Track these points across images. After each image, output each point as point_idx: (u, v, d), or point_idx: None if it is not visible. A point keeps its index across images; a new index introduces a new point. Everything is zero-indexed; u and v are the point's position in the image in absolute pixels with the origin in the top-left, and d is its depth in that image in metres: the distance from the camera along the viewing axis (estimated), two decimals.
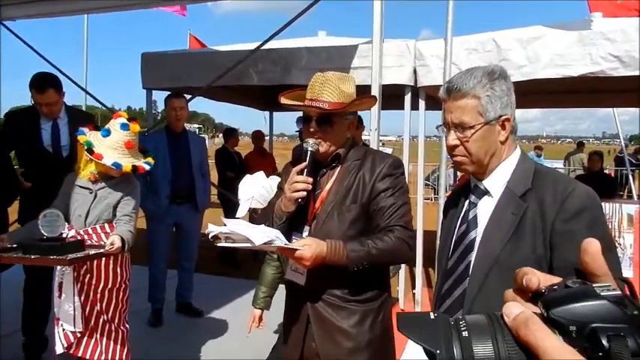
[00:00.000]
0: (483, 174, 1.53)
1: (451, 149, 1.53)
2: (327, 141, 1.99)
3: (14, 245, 2.63)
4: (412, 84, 5.06)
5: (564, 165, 15.24)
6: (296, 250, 1.80)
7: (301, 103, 2.00)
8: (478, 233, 1.49)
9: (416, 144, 5.49)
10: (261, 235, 1.74)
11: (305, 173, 1.94)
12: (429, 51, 5.01)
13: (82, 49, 12.76)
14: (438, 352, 0.49)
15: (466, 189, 1.63)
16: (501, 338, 0.49)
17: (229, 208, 7.81)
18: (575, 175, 11.14)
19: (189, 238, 4.76)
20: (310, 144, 1.97)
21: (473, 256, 1.47)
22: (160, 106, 4.70)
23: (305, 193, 1.93)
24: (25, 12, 5.85)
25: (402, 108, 5.20)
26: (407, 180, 2.18)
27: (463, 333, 0.50)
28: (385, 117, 4.01)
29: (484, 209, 1.51)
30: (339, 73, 2.04)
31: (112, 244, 2.62)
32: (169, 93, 4.80)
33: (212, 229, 1.79)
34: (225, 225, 1.81)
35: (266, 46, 5.31)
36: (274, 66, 5.51)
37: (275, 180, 3.16)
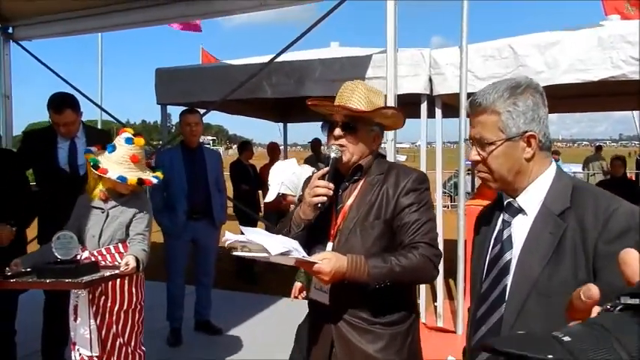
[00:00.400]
0: (514, 191, 1.45)
1: (475, 164, 1.48)
2: (351, 149, 1.94)
3: (28, 269, 2.60)
4: (428, 92, 5.00)
5: (583, 170, 14.98)
6: (314, 263, 1.74)
7: (329, 103, 1.95)
8: (514, 255, 1.40)
9: (430, 151, 5.41)
10: (279, 246, 1.68)
11: (327, 178, 1.89)
12: (444, 59, 4.95)
13: (97, 65, 12.94)
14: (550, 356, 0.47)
15: (499, 205, 1.54)
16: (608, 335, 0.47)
17: (245, 221, 7.80)
18: (596, 181, 10.92)
19: (206, 254, 4.72)
20: (334, 150, 1.93)
21: (509, 279, 1.38)
22: (175, 119, 4.70)
23: (325, 198, 1.87)
24: (40, 32, 5.95)
25: (418, 116, 5.13)
26: None
27: (564, 338, 0.48)
28: None
29: (519, 229, 1.42)
30: (369, 85, 2.02)
31: (126, 264, 2.59)
32: (184, 109, 4.79)
33: (229, 237, 1.75)
34: (242, 233, 1.77)
35: (279, 59, 5.28)
36: (288, 78, 5.48)
37: (306, 169, 3.11)
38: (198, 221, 4.56)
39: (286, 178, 3.01)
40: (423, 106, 5.04)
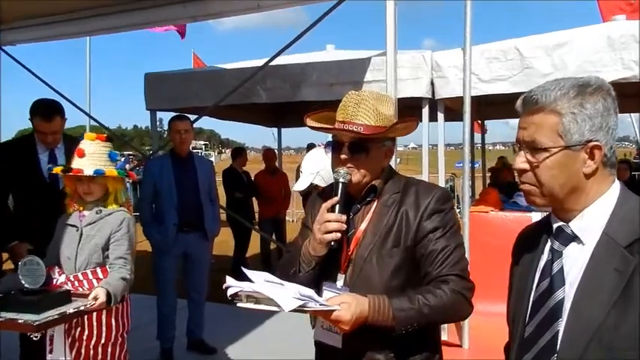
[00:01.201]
0: (564, 212, 1.20)
1: (519, 173, 1.22)
2: (362, 170, 1.69)
3: (0, 295, 2.34)
4: (430, 96, 4.82)
5: None
6: (332, 311, 1.49)
7: (332, 127, 1.70)
8: (567, 294, 1.15)
9: (431, 153, 5.23)
10: (292, 300, 1.43)
11: (337, 210, 1.64)
12: (447, 61, 4.76)
13: (85, 69, 12.65)
14: None
15: (545, 228, 1.28)
16: None
17: (238, 229, 7.58)
18: None
19: (198, 269, 4.47)
20: (342, 174, 1.67)
21: (561, 324, 1.14)
22: (167, 124, 4.46)
23: (339, 235, 1.63)
24: (25, 36, 5.72)
25: (419, 120, 4.92)
26: None
27: None
28: None
29: (573, 261, 1.17)
30: (375, 92, 1.75)
31: (95, 298, 2.30)
32: (173, 115, 4.55)
33: (231, 284, 1.49)
34: (247, 279, 1.52)
35: (273, 63, 5.08)
36: (283, 83, 5.28)
37: None
38: (189, 234, 4.31)
39: (323, 167, 2.64)
40: (425, 110, 4.85)
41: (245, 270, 1.55)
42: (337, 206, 1.64)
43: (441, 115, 4.91)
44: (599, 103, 1.14)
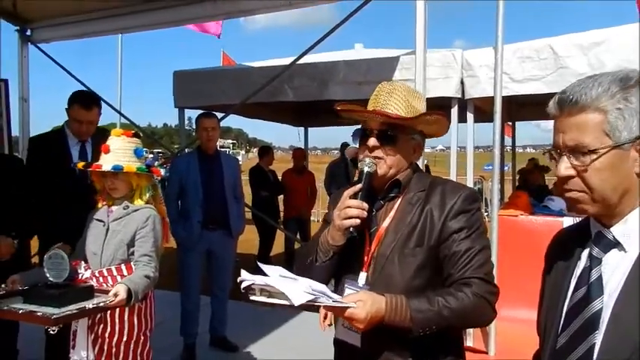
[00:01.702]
0: (611, 218, 1.11)
1: (563, 181, 1.13)
2: (388, 162, 1.65)
3: (25, 287, 2.37)
4: (459, 96, 4.71)
5: None
6: (346, 308, 1.45)
7: (363, 109, 1.66)
8: (606, 304, 1.07)
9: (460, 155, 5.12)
10: (302, 294, 1.40)
11: (360, 197, 1.60)
12: (478, 60, 4.65)
13: (117, 67, 12.93)
14: None
15: (582, 233, 1.20)
16: None
17: (263, 228, 7.60)
18: None
19: (222, 267, 4.47)
20: (367, 163, 1.63)
21: (599, 337, 1.05)
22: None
23: (358, 221, 1.58)
24: (59, 34, 5.84)
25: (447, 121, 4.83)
26: None
27: None
28: None
29: (614, 269, 1.09)
30: (408, 85, 1.73)
31: (114, 295, 2.27)
32: (200, 112, 4.57)
33: (245, 278, 1.47)
34: (262, 273, 1.49)
35: (301, 61, 5.05)
36: (311, 81, 5.25)
37: None
38: (213, 231, 4.31)
39: None
40: (454, 111, 4.75)
41: (260, 264, 1.52)
42: (360, 194, 1.60)
43: (470, 116, 4.80)
44: None
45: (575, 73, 4.22)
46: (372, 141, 1.64)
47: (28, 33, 5.80)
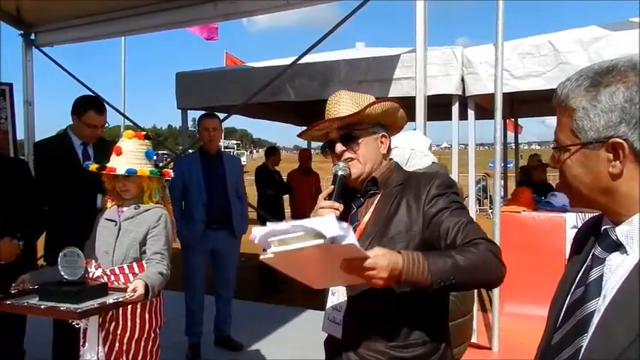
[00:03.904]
0: (615, 215, 1.05)
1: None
2: (361, 159, 1.72)
3: (36, 287, 2.41)
4: (460, 93, 4.72)
5: None
6: (366, 258, 1.38)
7: (318, 122, 1.75)
8: (599, 308, 1.01)
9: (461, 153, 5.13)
10: (334, 225, 1.27)
11: (333, 198, 1.65)
12: (478, 57, 4.66)
13: (120, 69, 12.99)
14: None
15: (597, 227, 1.13)
16: None
17: None
18: None
19: (226, 266, 4.50)
20: (341, 167, 1.70)
21: (585, 340, 1.01)
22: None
23: None
24: (62, 37, 5.88)
25: (448, 118, 4.86)
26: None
27: None
28: (428, 127, 3.69)
29: (614, 271, 1.03)
30: (355, 92, 1.81)
31: (133, 290, 2.31)
32: (202, 113, 4.60)
33: (257, 234, 1.39)
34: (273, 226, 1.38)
35: (302, 61, 5.08)
36: (311, 81, 5.28)
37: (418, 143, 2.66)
38: (217, 231, 4.34)
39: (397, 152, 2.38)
40: (455, 108, 4.76)
41: (269, 224, 1.40)
42: (333, 195, 1.66)
43: (471, 113, 4.81)
44: (617, 93, 1.00)
45: (575, 69, 4.07)
46: (339, 147, 1.72)
47: (32, 37, 5.85)
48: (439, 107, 5.12)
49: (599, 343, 0.98)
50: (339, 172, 1.69)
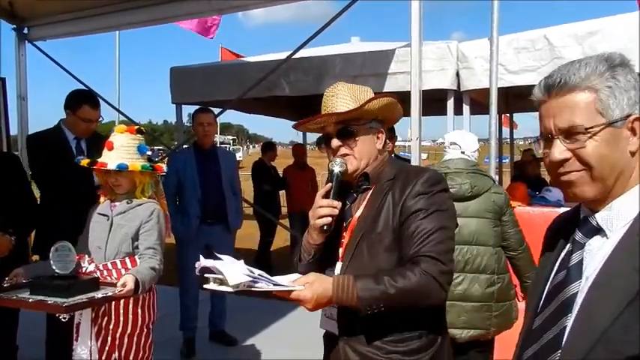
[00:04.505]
0: (601, 202, 1.09)
1: (557, 166, 1.09)
2: (356, 155, 1.71)
3: (29, 280, 2.40)
4: (455, 88, 4.72)
5: None
6: (291, 291, 1.49)
7: (316, 116, 1.73)
8: (582, 289, 1.06)
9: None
10: (240, 275, 1.43)
11: (331, 196, 1.65)
12: (473, 52, 4.66)
13: (114, 64, 12.92)
14: None
15: (574, 219, 1.18)
16: None
17: (264, 222, 7.62)
18: None
19: None
20: (338, 163, 1.70)
21: (570, 320, 1.05)
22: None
23: (330, 219, 1.64)
24: (55, 31, 5.82)
25: (443, 113, 4.86)
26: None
27: None
28: (424, 122, 3.68)
29: (594, 255, 1.08)
30: (351, 84, 1.79)
31: (122, 285, 2.30)
32: (197, 108, 4.58)
33: (201, 263, 1.51)
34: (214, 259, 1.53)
35: (297, 55, 5.05)
36: (306, 75, 5.26)
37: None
38: (212, 226, 4.34)
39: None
40: (450, 103, 4.76)
41: (220, 256, 1.55)
42: (331, 193, 1.66)
43: (466, 108, 4.80)
44: (629, 75, 1.06)
45: None
46: (335, 142, 1.71)
47: (25, 31, 5.79)
48: (434, 102, 5.12)
49: (584, 320, 1.02)
50: (336, 170, 1.69)
